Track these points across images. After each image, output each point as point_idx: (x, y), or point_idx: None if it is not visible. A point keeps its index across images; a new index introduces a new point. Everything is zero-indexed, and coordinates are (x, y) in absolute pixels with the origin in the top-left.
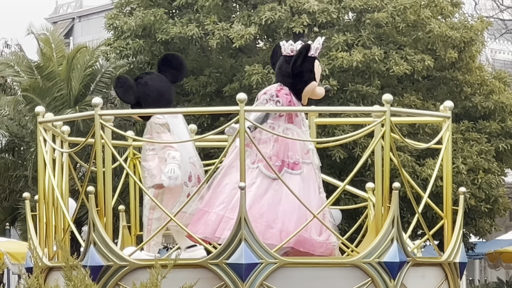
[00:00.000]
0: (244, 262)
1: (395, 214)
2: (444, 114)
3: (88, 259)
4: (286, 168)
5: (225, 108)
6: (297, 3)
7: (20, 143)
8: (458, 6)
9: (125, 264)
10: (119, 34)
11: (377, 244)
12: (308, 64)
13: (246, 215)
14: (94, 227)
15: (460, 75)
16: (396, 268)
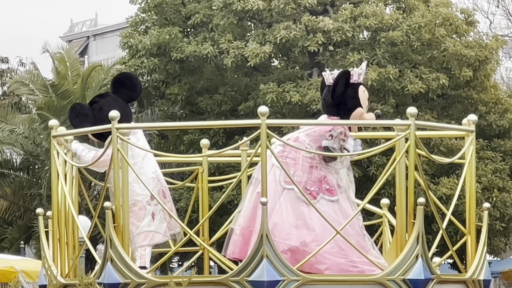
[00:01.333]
0: (266, 280)
1: (420, 230)
2: (468, 128)
3: (105, 277)
4: (322, 194)
5: (246, 122)
6: (312, 22)
7: (35, 161)
8: (473, 25)
9: (143, 281)
10: (134, 52)
11: (401, 261)
12: (351, 90)
13: (268, 231)
14: (111, 243)
15: (474, 93)
16: (421, 286)
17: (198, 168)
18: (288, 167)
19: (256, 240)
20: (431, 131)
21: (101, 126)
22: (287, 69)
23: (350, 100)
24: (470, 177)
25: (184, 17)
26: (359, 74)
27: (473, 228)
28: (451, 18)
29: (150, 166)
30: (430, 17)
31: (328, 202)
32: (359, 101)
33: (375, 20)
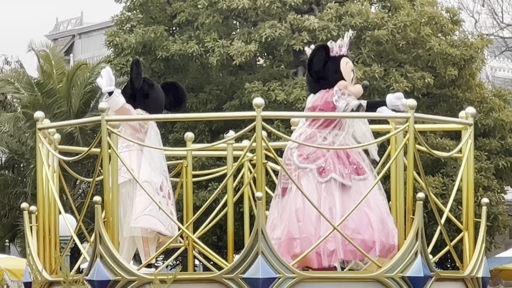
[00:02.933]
0: (261, 277)
1: (419, 226)
2: (466, 121)
3: (94, 274)
4: (353, 175)
5: (241, 114)
6: (298, 21)
7: (20, 160)
8: (458, 24)
9: (134, 278)
10: (119, 51)
11: (400, 257)
12: (332, 64)
13: (264, 227)
14: (101, 239)
15: (460, 92)
16: (420, 283)
17: (182, 162)
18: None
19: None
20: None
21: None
22: (272, 68)
23: (331, 74)
24: (468, 171)
25: (169, 16)
26: (340, 46)
27: (471, 223)
28: (436, 17)
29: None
30: (415, 16)
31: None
32: (341, 74)
33: (361, 19)
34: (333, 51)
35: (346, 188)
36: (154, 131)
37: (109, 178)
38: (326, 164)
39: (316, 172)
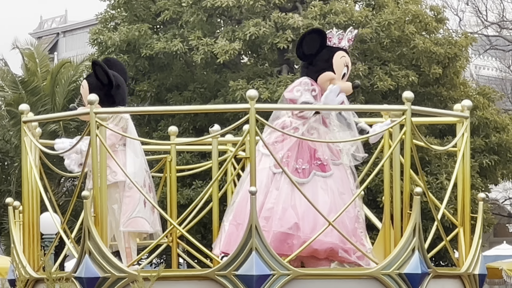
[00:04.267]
0: (255, 274)
1: (416, 221)
2: (463, 114)
3: (82, 271)
4: (315, 171)
5: (234, 106)
6: (282, 19)
7: (4, 158)
8: (442, 22)
9: (124, 276)
10: (103, 49)
11: (397, 254)
12: (326, 52)
13: (257, 223)
14: (90, 235)
15: (444, 90)
16: (417, 280)
17: (166, 157)
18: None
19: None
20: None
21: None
22: (257, 66)
23: (321, 62)
24: (464, 165)
25: (153, 14)
26: (340, 38)
27: (468, 219)
28: (420, 15)
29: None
30: (399, 14)
31: (321, 179)
32: (332, 66)
33: (345, 17)
34: (331, 41)
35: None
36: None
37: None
38: (284, 157)
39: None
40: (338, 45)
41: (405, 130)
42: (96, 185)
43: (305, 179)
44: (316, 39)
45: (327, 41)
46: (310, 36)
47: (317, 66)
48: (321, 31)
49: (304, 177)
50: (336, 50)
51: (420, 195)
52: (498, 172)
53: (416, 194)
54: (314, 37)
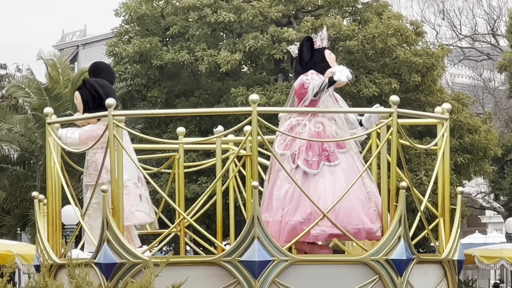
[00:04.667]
0: (257, 260)
1: (402, 212)
2: (443, 116)
3: (101, 257)
4: (323, 162)
5: (237, 109)
6: (277, 33)
7: (30, 156)
8: (421, 35)
9: (139, 262)
10: (118, 60)
11: (384, 242)
12: (317, 55)
13: (259, 214)
14: (108, 225)
15: (423, 96)
16: (403, 265)
17: (174, 155)
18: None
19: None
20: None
21: (97, 113)
22: (255, 75)
23: (318, 65)
24: (444, 162)
25: (163, 28)
26: (322, 39)
27: (447, 210)
28: (401, 29)
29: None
30: (383, 28)
31: (329, 168)
32: (328, 63)
33: (334, 31)
34: (317, 44)
35: (310, 175)
36: None
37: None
38: (297, 151)
39: (290, 158)
40: (323, 46)
41: (392, 131)
42: (114, 180)
43: (315, 171)
44: (307, 45)
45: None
46: (305, 45)
47: (316, 68)
48: (308, 38)
49: (315, 169)
50: (323, 50)
51: (405, 189)
52: (471, 169)
53: (402, 188)
54: (307, 45)
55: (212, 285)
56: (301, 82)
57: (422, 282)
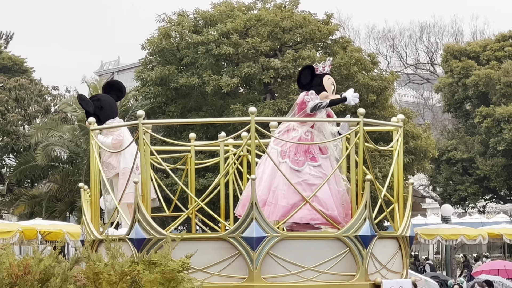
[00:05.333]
0: (255, 236)
1: (367, 199)
2: (397, 124)
3: (133, 234)
4: (308, 162)
5: (239, 119)
6: (266, 62)
7: (76, 157)
8: (376, 64)
9: (162, 237)
10: (144, 83)
11: (354, 222)
12: (317, 80)
13: (257, 200)
14: (139, 209)
15: (377, 111)
16: (368, 240)
17: (187, 154)
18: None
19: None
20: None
21: (129, 122)
22: (249, 95)
23: (316, 87)
24: (399, 160)
25: (178, 59)
26: (323, 67)
27: (401, 197)
28: (361, 60)
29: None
30: (347, 59)
31: (311, 167)
32: (324, 87)
33: (309, 61)
34: (318, 70)
35: (295, 171)
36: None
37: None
38: (287, 150)
39: (280, 154)
40: (323, 72)
41: (359, 136)
42: (144, 174)
43: (300, 167)
44: (307, 73)
45: (315, 71)
46: (303, 72)
47: (315, 90)
48: (311, 67)
49: (300, 166)
50: (323, 75)
51: (369, 181)
52: (414, 167)
53: (367, 180)
54: (306, 72)
55: (219, 256)
56: (302, 98)
57: (382, 253)
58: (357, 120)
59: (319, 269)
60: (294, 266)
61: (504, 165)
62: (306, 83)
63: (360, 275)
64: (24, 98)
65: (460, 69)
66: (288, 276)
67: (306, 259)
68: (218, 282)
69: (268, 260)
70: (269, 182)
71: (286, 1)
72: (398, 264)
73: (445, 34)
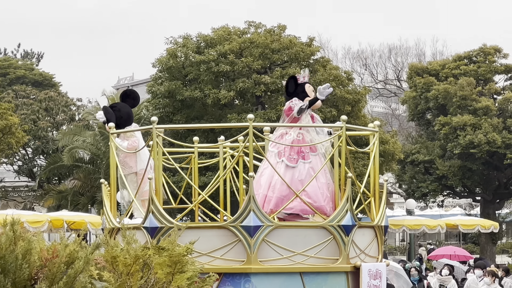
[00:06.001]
0: (252, 225)
1: (349, 193)
2: (374, 129)
3: (148, 222)
4: (300, 159)
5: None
6: (258, 78)
7: (97, 158)
8: (351, 80)
9: (172, 226)
10: (154, 95)
11: (337, 213)
12: (300, 88)
13: (254, 194)
14: (152, 201)
15: (352, 120)
16: (349, 229)
17: (191, 155)
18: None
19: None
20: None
21: (145, 127)
22: (243, 106)
23: (300, 94)
24: (375, 160)
25: (183, 75)
26: (304, 77)
27: (377, 192)
28: (339, 76)
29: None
30: (326, 75)
31: (304, 164)
32: (307, 93)
33: None
34: (300, 80)
35: (290, 167)
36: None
37: (157, 164)
38: (283, 151)
39: (277, 155)
40: (304, 81)
41: (342, 139)
42: (157, 171)
43: (294, 164)
44: (292, 83)
45: (298, 81)
46: (289, 82)
47: (298, 96)
48: (294, 77)
49: (294, 163)
50: (304, 84)
51: (351, 178)
52: (383, 167)
53: (348, 177)
54: (291, 82)
55: (221, 242)
56: (288, 105)
57: (361, 240)
58: (340, 126)
59: (307, 254)
60: (286, 251)
61: (460, 166)
62: (293, 91)
63: (343, 259)
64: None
65: (422, 85)
66: (280, 260)
67: (296, 245)
68: (221, 264)
69: (264, 246)
70: (269, 180)
71: (275, 26)
72: (374, 250)
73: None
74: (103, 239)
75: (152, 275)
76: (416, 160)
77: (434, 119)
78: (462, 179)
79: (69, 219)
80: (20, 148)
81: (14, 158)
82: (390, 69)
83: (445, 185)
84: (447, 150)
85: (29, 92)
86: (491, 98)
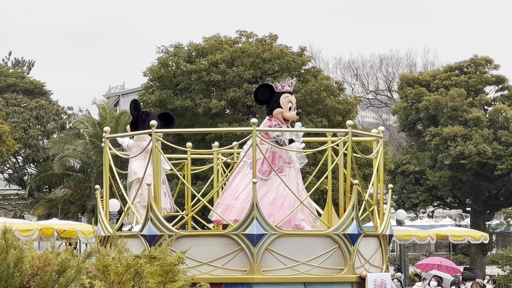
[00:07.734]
0: (255, 233)
1: (355, 201)
2: (379, 135)
3: (146, 230)
4: (273, 172)
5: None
6: (249, 88)
7: (87, 167)
8: (342, 90)
9: (172, 234)
10: (145, 104)
11: (342, 221)
12: (275, 97)
13: (257, 201)
14: (151, 208)
15: None
16: (355, 238)
17: (184, 161)
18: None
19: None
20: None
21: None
22: (234, 115)
23: (272, 104)
24: (379, 167)
25: (174, 84)
26: (282, 85)
27: (382, 200)
28: (330, 86)
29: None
30: (317, 85)
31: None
32: (279, 104)
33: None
34: (278, 88)
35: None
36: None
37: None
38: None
39: (249, 165)
40: (282, 90)
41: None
42: (156, 178)
43: (266, 177)
44: (266, 91)
45: (274, 89)
46: (261, 90)
47: (271, 106)
48: (269, 85)
49: (266, 176)
50: (281, 93)
51: (357, 185)
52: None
53: (355, 184)
54: (264, 90)
55: (223, 251)
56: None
57: (366, 249)
58: (346, 131)
59: (311, 263)
60: (290, 260)
61: (450, 176)
62: (265, 99)
63: (348, 269)
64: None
65: (413, 95)
66: (284, 270)
67: (300, 254)
68: (222, 274)
69: (267, 255)
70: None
71: (266, 36)
72: (379, 259)
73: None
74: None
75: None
76: (407, 171)
77: (424, 130)
78: (452, 190)
79: (59, 228)
80: (10, 156)
81: (4, 166)
82: (381, 80)
83: (435, 196)
84: (437, 160)
85: (20, 100)
86: (481, 109)
